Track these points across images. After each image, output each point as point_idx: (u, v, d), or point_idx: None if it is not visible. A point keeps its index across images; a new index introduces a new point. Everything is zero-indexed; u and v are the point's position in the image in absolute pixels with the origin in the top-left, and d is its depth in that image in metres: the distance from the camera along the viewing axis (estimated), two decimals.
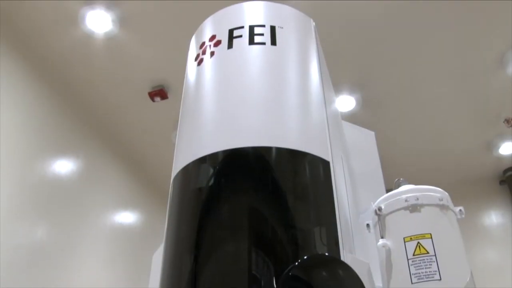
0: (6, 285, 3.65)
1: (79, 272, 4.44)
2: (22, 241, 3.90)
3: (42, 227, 4.18)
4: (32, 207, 4.04)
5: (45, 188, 4.22)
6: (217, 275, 1.14)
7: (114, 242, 5.08)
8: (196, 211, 1.29)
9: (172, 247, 1.32)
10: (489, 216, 6.02)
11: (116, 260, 5.05)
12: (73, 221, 4.50)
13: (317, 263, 1.10)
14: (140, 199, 5.77)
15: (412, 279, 1.20)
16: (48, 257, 4.14)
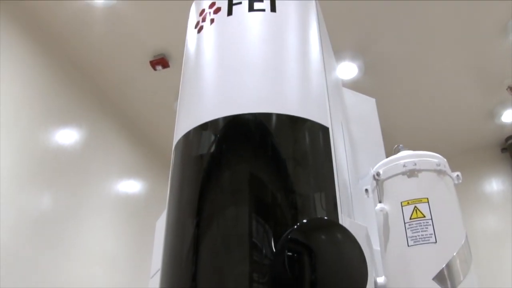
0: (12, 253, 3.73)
1: (84, 239, 4.52)
2: (27, 210, 3.96)
3: (46, 196, 4.24)
4: (37, 177, 4.09)
5: (48, 158, 4.26)
6: (218, 238, 1.17)
7: (118, 209, 5.15)
8: (198, 177, 1.31)
9: (175, 213, 1.34)
10: (490, 183, 6.05)
11: (121, 227, 5.12)
12: (77, 190, 4.55)
13: (316, 227, 1.13)
14: (143, 168, 5.82)
15: (409, 241, 1.23)
16: (53, 225, 4.20)
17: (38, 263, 3.97)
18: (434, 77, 4.98)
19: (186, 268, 1.18)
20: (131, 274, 4.98)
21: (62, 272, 4.19)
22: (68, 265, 4.25)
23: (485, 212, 5.82)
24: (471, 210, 5.66)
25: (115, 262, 4.89)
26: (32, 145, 4.08)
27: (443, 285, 1.16)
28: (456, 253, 1.21)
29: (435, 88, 5.14)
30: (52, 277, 4.08)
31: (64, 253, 4.26)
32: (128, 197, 5.40)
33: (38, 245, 4.01)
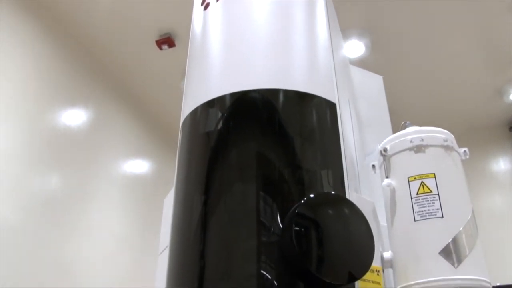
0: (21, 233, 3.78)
1: (93, 219, 4.57)
2: (36, 191, 4.00)
3: (55, 176, 4.27)
4: (45, 157, 4.12)
5: (56, 138, 4.29)
6: (226, 215, 1.18)
7: (126, 189, 5.19)
8: (205, 154, 1.32)
9: (183, 190, 1.36)
10: (497, 162, 6.04)
11: (129, 206, 5.17)
12: (85, 170, 4.59)
13: (323, 202, 1.14)
14: (151, 147, 5.84)
15: (415, 216, 1.23)
16: (62, 204, 4.25)
17: (48, 242, 4.03)
18: (442, 55, 4.94)
19: (194, 244, 1.19)
20: (140, 253, 5.04)
21: (71, 251, 4.25)
22: (77, 245, 4.31)
23: (491, 191, 5.82)
24: (478, 189, 5.66)
25: (123, 241, 4.95)
26: (39, 126, 4.11)
27: (449, 259, 1.17)
28: (463, 227, 1.21)
29: (443, 66, 5.10)
30: (62, 256, 4.14)
31: (73, 232, 4.32)
32: (135, 176, 5.43)
33: (47, 224, 4.06)
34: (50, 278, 3.98)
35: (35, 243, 3.92)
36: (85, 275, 4.33)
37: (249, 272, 1.07)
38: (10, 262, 3.61)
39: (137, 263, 4.99)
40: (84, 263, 4.34)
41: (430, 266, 1.18)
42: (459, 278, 1.16)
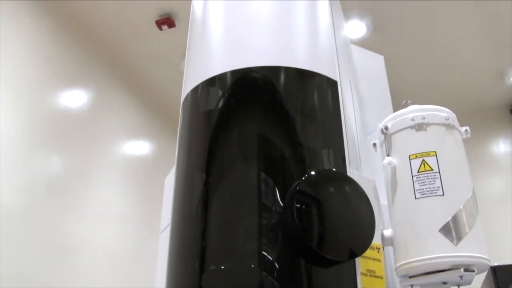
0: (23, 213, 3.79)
1: (95, 199, 4.58)
2: (37, 172, 4.01)
3: (56, 157, 4.28)
4: (45, 138, 4.12)
5: (56, 120, 4.28)
6: (228, 192, 1.18)
7: (127, 169, 5.20)
8: (206, 133, 1.32)
9: (184, 169, 1.36)
10: (498, 144, 6.03)
11: (130, 186, 5.19)
12: (86, 151, 4.59)
13: (324, 179, 1.14)
14: (151, 128, 5.84)
15: (416, 194, 1.23)
16: (63, 185, 4.26)
17: (49, 223, 4.04)
18: (444, 36, 4.90)
19: (196, 222, 1.20)
20: (141, 233, 5.06)
21: (72, 231, 4.27)
22: (79, 225, 4.33)
23: (491, 173, 5.82)
24: (478, 171, 5.66)
25: (125, 221, 4.98)
26: (39, 107, 4.10)
27: (449, 237, 1.18)
28: (463, 205, 1.22)
29: (444, 47, 5.07)
30: (63, 236, 4.16)
31: (75, 213, 4.33)
32: (136, 157, 5.44)
33: (48, 205, 4.07)
34: (52, 258, 4.01)
35: (36, 224, 3.94)
36: (87, 256, 4.36)
37: (250, 249, 1.08)
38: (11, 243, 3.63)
39: (138, 243, 5.02)
40: (86, 244, 4.37)
41: (430, 243, 1.18)
42: (458, 255, 1.16)
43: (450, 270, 1.18)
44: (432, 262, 1.17)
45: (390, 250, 1.34)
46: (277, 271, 1.05)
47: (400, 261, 1.23)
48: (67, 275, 4.11)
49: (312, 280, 1.06)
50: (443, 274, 1.19)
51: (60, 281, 4.03)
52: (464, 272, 1.16)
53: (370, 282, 1.16)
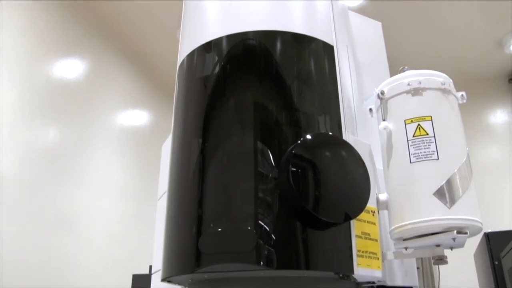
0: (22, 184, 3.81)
1: (93, 169, 4.60)
2: (35, 143, 4.01)
3: (52, 128, 4.27)
4: (42, 109, 4.11)
5: (52, 90, 4.26)
6: (224, 157, 1.19)
7: (124, 139, 5.21)
8: (203, 98, 1.31)
9: (180, 135, 1.36)
10: (495, 114, 6.04)
11: (128, 155, 5.21)
12: (82, 122, 4.58)
13: (320, 143, 1.15)
14: (148, 98, 5.83)
15: (411, 158, 1.24)
16: (61, 156, 4.27)
17: (47, 193, 4.07)
18: (442, 4, 4.85)
19: (192, 187, 1.21)
20: (139, 201, 5.11)
21: (71, 201, 4.30)
22: (77, 195, 4.36)
23: (488, 143, 5.84)
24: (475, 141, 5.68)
25: (124, 190, 5.01)
26: (36, 77, 4.08)
27: (442, 200, 1.19)
28: (457, 170, 1.23)
29: (443, 15, 5.02)
30: (61, 206, 4.19)
31: (72, 183, 4.36)
32: (133, 127, 5.44)
33: (47, 176, 4.09)
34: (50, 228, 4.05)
35: (35, 193, 3.96)
36: (85, 224, 4.40)
37: (247, 212, 1.09)
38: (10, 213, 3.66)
39: (137, 211, 5.07)
40: (84, 213, 4.41)
41: (424, 206, 1.20)
42: (452, 218, 1.18)
43: (443, 233, 1.20)
44: (426, 225, 1.18)
45: (385, 214, 1.35)
46: (273, 233, 1.06)
47: (394, 224, 1.24)
48: (67, 243, 4.16)
49: (308, 242, 1.08)
50: (437, 237, 1.20)
51: (60, 249, 4.09)
52: (457, 235, 1.18)
53: (365, 244, 1.18)
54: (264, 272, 1.07)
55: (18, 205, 3.78)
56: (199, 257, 1.10)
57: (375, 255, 1.20)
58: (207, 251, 1.08)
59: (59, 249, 4.09)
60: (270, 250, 1.04)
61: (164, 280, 1.24)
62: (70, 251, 4.18)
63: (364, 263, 1.15)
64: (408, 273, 1.43)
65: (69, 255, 4.16)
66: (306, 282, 1.12)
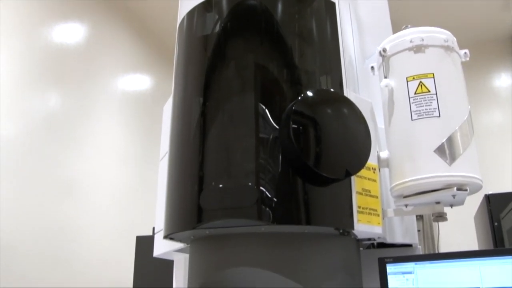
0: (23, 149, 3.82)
1: (94, 133, 4.61)
2: (35, 108, 4.01)
3: (53, 93, 4.26)
4: (42, 75, 4.09)
5: (52, 55, 4.23)
6: (225, 114, 1.19)
7: (125, 103, 5.20)
8: (203, 57, 1.30)
9: (181, 93, 1.36)
10: (499, 77, 5.98)
11: (129, 119, 5.21)
12: (83, 87, 4.57)
13: (321, 99, 1.14)
14: (149, 62, 5.79)
15: (412, 116, 1.24)
16: (63, 121, 4.27)
17: (50, 158, 4.09)
18: None
19: (193, 145, 1.21)
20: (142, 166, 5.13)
21: (74, 166, 4.33)
22: (79, 160, 4.38)
23: (492, 106, 5.81)
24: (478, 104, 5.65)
25: (126, 154, 5.03)
26: (34, 43, 4.05)
27: (443, 157, 1.19)
28: (458, 127, 1.22)
29: None
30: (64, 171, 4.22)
31: (75, 148, 4.37)
32: (134, 91, 5.43)
33: (49, 142, 4.10)
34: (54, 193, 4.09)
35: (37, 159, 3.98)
36: (89, 189, 4.44)
37: (248, 169, 1.09)
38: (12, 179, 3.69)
39: (140, 175, 5.10)
40: (87, 177, 4.44)
41: (425, 163, 1.20)
42: (452, 174, 1.18)
43: (443, 190, 1.20)
44: (426, 182, 1.19)
45: (386, 173, 1.36)
46: (274, 189, 1.07)
47: (395, 181, 1.25)
48: (70, 208, 4.21)
49: (309, 198, 1.09)
50: (437, 194, 1.21)
51: (64, 213, 4.13)
52: (457, 191, 1.19)
53: (365, 201, 1.19)
54: (265, 228, 1.08)
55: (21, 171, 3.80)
56: (201, 213, 1.11)
57: (375, 211, 1.21)
58: (208, 207, 1.09)
59: (63, 214, 4.13)
60: (271, 206, 1.05)
61: (166, 237, 1.26)
62: (74, 215, 4.23)
63: (364, 219, 1.16)
64: (408, 231, 1.44)
65: (73, 219, 4.21)
66: (307, 239, 1.13)
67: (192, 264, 1.27)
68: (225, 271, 1.14)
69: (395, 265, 1.22)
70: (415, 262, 1.21)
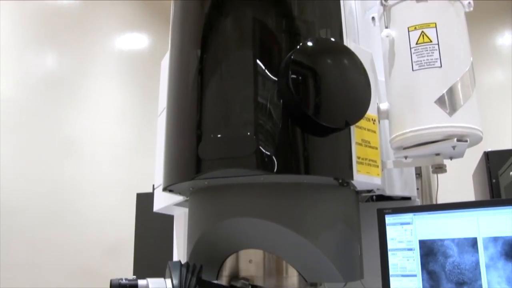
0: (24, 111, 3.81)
1: (92, 92, 4.59)
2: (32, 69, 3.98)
3: (50, 53, 4.22)
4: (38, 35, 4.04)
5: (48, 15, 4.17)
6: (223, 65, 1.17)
7: (123, 62, 5.16)
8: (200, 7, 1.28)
9: (178, 45, 1.33)
10: (502, 35, 5.89)
11: (127, 78, 5.17)
12: (80, 47, 4.52)
13: (321, 49, 1.12)
14: (146, 20, 5.70)
15: (414, 66, 1.22)
16: (61, 81, 4.24)
17: (49, 117, 4.08)
18: None
19: (192, 96, 1.19)
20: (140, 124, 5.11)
21: (73, 125, 4.32)
22: (78, 118, 4.38)
23: (493, 65, 5.75)
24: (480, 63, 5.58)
25: (125, 114, 5.02)
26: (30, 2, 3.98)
27: (444, 108, 1.18)
28: (460, 78, 1.21)
29: None
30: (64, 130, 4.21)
31: (74, 107, 4.36)
32: (132, 49, 5.37)
33: (47, 101, 4.09)
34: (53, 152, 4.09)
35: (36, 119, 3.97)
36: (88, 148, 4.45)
37: (247, 119, 1.08)
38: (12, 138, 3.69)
39: (138, 133, 5.09)
40: (87, 136, 4.44)
41: (425, 114, 1.19)
42: (452, 125, 1.18)
43: (443, 141, 1.20)
44: (427, 132, 1.18)
45: (386, 125, 1.35)
46: (273, 139, 1.06)
47: (395, 133, 1.24)
48: (69, 167, 4.22)
49: (308, 147, 1.08)
50: (437, 145, 1.21)
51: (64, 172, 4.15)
52: (457, 142, 1.18)
53: (364, 151, 1.18)
54: (264, 177, 1.08)
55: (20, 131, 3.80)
56: (199, 164, 1.11)
57: (374, 162, 1.21)
58: (207, 158, 1.09)
59: (63, 172, 4.15)
60: (270, 155, 1.05)
61: (165, 189, 1.26)
62: (73, 174, 4.25)
63: (363, 170, 1.16)
64: (407, 183, 1.45)
65: (72, 177, 4.23)
66: (306, 189, 1.13)
67: (192, 216, 1.28)
68: (224, 221, 1.14)
69: (394, 216, 1.23)
70: (414, 212, 1.22)
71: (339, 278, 1.15)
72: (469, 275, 1.11)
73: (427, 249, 1.17)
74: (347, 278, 1.18)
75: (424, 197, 3.26)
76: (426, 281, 1.15)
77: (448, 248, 1.15)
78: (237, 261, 1.19)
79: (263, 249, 1.16)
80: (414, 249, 1.18)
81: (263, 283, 1.16)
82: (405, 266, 1.19)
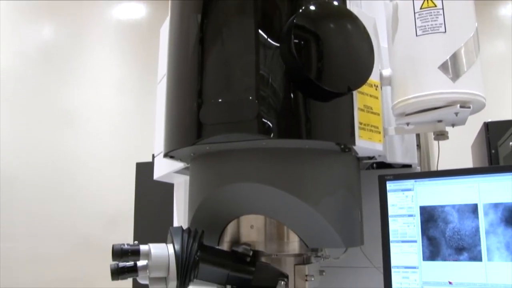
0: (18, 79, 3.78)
1: (90, 63, 4.55)
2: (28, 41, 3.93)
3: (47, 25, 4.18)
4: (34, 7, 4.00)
5: None
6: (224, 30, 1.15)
7: (121, 33, 5.10)
8: None
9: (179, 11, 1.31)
10: (505, 6, 5.81)
11: (126, 48, 5.13)
12: (78, 16, 4.47)
13: (323, 13, 1.10)
14: None
15: (417, 31, 1.20)
16: (58, 53, 4.21)
17: (47, 89, 4.06)
18: None
19: (192, 61, 1.18)
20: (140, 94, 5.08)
21: (71, 96, 4.30)
22: (76, 89, 4.35)
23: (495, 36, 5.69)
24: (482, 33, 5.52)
25: (123, 84, 4.99)
26: None
27: (447, 74, 1.17)
28: (464, 43, 1.19)
29: None
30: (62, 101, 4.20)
31: (72, 78, 4.33)
32: (129, 19, 5.30)
33: (44, 71, 4.06)
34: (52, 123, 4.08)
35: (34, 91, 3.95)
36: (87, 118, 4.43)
37: (248, 83, 1.07)
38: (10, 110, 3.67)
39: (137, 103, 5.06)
40: (85, 107, 4.42)
41: (428, 80, 1.18)
42: (455, 91, 1.17)
43: (446, 107, 1.19)
44: (429, 98, 1.17)
45: (388, 92, 1.34)
46: (275, 103, 1.05)
47: (397, 99, 1.23)
48: (68, 138, 4.22)
49: (310, 112, 1.07)
50: (439, 111, 1.20)
51: (63, 143, 4.15)
52: (460, 109, 1.17)
53: (367, 117, 1.18)
54: (266, 142, 1.07)
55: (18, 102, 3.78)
56: (201, 129, 1.10)
57: (376, 128, 1.20)
58: (208, 122, 1.08)
59: (62, 144, 4.15)
60: (272, 120, 1.04)
61: (166, 155, 1.26)
62: (73, 145, 4.24)
63: (365, 136, 1.16)
64: (408, 151, 1.45)
65: (72, 148, 4.23)
66: (308, 155, 1.13)
67: (193, 182, 1.28)
68: (225, 187, 1.14)
69: (395, 182, 1.23)
70: (415, 179, 1.22)
71: (340, 244, 1.16)
72: (469, 240, 1.12)
73: (428, 215, 1.17)
74: (347, 244, 1.19)
75: (422, 169, 3.26)
76: (426, 246, 1.16)
77: (448, 214, 1.15)
78: (238, 227, 1.20)
79: (264, 215, 1.16)
80: (414, 215, 1.19)
81: (264, 248, 1.16)
82: (406, 232, 1.19)
